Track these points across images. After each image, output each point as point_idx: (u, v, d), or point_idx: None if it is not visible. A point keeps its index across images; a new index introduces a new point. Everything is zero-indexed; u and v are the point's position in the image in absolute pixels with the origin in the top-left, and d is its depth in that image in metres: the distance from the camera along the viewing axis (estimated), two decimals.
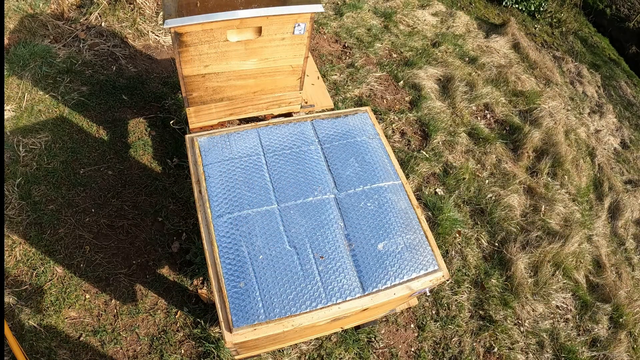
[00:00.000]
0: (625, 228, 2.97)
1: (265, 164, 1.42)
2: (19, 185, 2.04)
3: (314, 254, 1.27)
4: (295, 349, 1.89)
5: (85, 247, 1.96)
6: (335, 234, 1.32)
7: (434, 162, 2.73)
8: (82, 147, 2.24)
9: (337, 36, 3.36)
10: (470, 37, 3.94)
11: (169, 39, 2.88)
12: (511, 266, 2.39)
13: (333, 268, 1.25)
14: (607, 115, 3.90)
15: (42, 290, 1.82)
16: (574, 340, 2.27)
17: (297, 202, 1.35)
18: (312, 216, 1.34)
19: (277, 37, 1.58)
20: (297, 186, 1.39)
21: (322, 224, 1.33)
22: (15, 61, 2.44)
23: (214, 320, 1.88)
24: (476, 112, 3.24)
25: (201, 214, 1.26)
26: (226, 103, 1.78)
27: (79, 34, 2.70)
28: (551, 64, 4.16)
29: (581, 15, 5.50)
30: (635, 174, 3.49)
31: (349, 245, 1.30)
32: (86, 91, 2.45)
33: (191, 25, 1.42)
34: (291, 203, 1.34)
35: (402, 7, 3.90)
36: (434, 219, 2.45)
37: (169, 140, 2.39)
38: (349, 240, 1.31)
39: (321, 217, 1.35)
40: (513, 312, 2.26)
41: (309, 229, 1.31)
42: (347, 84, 3.01)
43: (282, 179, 1.40)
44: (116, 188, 2.16)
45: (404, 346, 2.03)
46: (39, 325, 1.74)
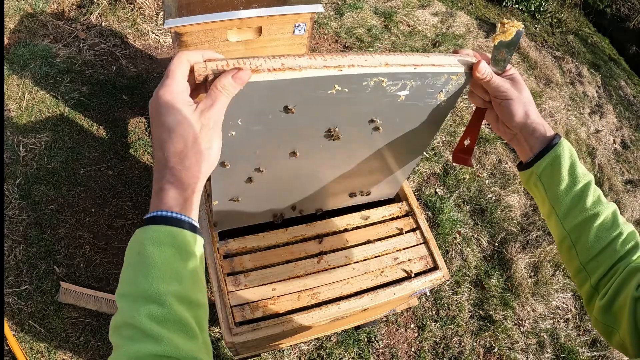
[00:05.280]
0: None
1: None
2: (19, 185, 2.04)
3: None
4: (295, 349, 1.89)
5: (85, 247, 1.96)
6: None
7: (434, 162, 2.73)
8: (82, 147, 2.24)
9: (337, 36, 3.36)
10: (470, 37, 3.94)
11: (169, 39, 2.88)
12: (511, 266, 2.39)
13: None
14: (607, 115, 3.90)
15: (43, 290, 1.82)
16: (574, 340, 2.27)
17: None
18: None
19: (277, 37, 1.58)
20: None
21: None
22: (15, 61, 2.44)
23: (214, 320, 1.88)
24: None
25: (200, 214, 1.26)
26: None
27: (79, 34, 2.70)
28: (551, 64, 4.16)
29: (581, 15, 5.50)
30: (636, 174, 3.49)
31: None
32: (86, 91, 2.45)
33: (191, 25, 1.43)
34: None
35: (402, 7, 3.90)
36: (434, 219, 2.45)
37: None
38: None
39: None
40: (513, 312, 2.26)
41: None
42: None
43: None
44: (116, 188, 2.16)
45: (404, 346, 2.03)
46: (39, 325, 1.74)
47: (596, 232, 0.67)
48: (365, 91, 0.78)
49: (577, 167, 0.70)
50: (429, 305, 2.18)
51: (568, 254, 0.71)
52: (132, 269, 0.52)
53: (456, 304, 2.21)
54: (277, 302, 1.15)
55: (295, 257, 1.24)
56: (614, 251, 0.66)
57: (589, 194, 0.68)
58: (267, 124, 0.79)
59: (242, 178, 0.96)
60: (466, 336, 2.12)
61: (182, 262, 0.52)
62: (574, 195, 0.69)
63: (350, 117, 0.87)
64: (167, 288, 0.50)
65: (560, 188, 0.69)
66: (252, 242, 1.25)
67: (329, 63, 0.71)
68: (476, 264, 2.37)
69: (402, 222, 1.37)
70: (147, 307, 0.49)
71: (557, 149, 0.69)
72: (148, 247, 0.51)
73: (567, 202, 0.69)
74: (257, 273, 1.20)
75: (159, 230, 0.51)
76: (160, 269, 0.50)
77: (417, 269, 1.28)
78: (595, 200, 0.68)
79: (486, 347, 2.13)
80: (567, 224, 0.70)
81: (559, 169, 0.69)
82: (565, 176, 0.69)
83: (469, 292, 2.27)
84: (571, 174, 0.69)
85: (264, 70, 0.64)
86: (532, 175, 0.73)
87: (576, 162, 0.70)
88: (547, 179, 0.71)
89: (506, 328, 2.19)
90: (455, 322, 2.14)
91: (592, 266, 0.68)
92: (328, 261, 1.25)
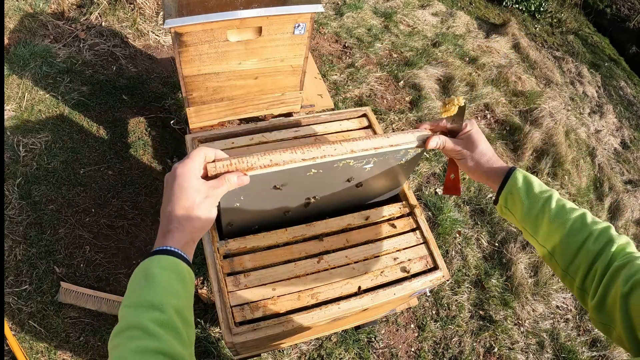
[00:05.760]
0: (625, 228, 2.97)
1: None
2: (19, 185, 2.04)
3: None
4: (295, 349, 1.89)
5: (85, 247, 1.96)
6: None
7: (434, 162, 2.73)
8: (82, 147, 2.24)
9: (337, 36, 3.36)
10: (470, 37, 3.94)
11: (169, 39, 2.88)
12: (511, 266, 2.39)
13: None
14: (607, 115, 3.90)
15: (43, 290, 1.82)
16: (574, 340, 2.27)
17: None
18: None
19: (277, 37, 1.58)
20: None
21: None
22: (15, 61, 2.44)
23: (214, 320, 1.88)
24: (476, 112, 3.24)
25: None
26: (226, 103, 1.78)
27: (79, 34, 2.70)
28: (551, 64, 4.16)
29: (581, 15, 5.50)
30: (636, 174, 3.49)
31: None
32: (86, 91, 2.45)
33: (191, 25, 1.42)
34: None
35: (402, 7, 3.90)
36: (434, 219, 2.45)
37: (169, 140, 2.39)
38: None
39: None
40: (513, 312, 2.26)
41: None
42: (347, 84, 3.01)
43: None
44: (116, 188, 2.16)
45: (404, 346, 2.03)
46: (39, 325, 1.74)
47: (566, 239, 0.74)
48: (336, 170, 1.01)
49: (532, 189, 0.80)
50: (429, 305, 2.18)
51: (551, 264, 0.78)
52: (138, 286, 0.63)
53: (456, 304, 2.21)
54: (277, 302, 1.15)
55: (295, 257, 1.24)
56: (588, 251, 0.71)
57: (550, 209, 0.77)
58: (262, 196, 1.05)
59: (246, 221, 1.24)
60: (466, 336, 2.12)
61: (181, 285, 0.64)
62: (537, 214, 0.78)
63: (327, 185, 1.13)
64: (168, 300, 0.61)
65: (523, 211, 0.80)
66: (252, 242, 1.24)
67: (306, 156, 0.94)
68: (476, 264, 2.37)
69: (402, 222, 1.37)
70: (151, 313, 0.59)
71: (511, 180, 0.82)
72: (154, 269, 0.63)
73: (532, 220, 0.79)
74: (257, 273, 1.20)
75: (164, 258, 0.65)
76: (163, 286, 0.62)
77: (417, 269, 1.28)
78: (558, 212, 0.76)
79: (486, 347, 2.13)
80: (540, 239, 0.79)
81: (517, 196, 0.81)
82: (524, 200, 0.80)
83: (469, 292, 2.27)
84: (528, 197, 0.80)
85: (257, 168, 0.88)
86: (501, 207, 0.85)
87: (532, 185, 0.81)
88: (512, 207, 0.82)
89: (506, 328, 2.19)
90: (455, 322, 2.14)
91: (573, 269, 0.73)
92: (328, 261, 1.25)
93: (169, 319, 0.59)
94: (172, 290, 0.62)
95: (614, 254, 0.68)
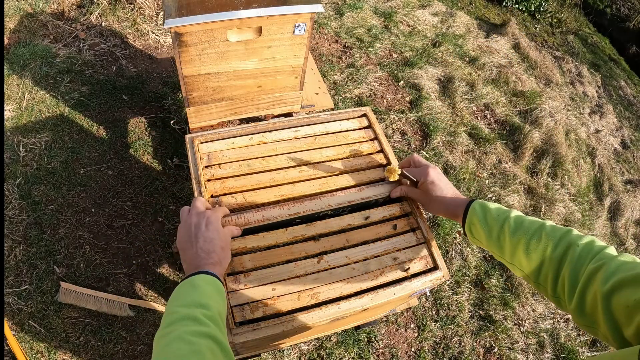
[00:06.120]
0: (625, 228, 2.97)
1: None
2: (19, 185, 2.04)
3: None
4: (295, 349, 1.89)
5: (85, 247, 1.96)
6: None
7: (434, 162, 2.73)
8: (82, 147, 2.24)
9: (337, 36, 3.36)
10: (470, 37, 3.94)
11: (169, 39, 2.88)
12: None
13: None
14: (607, 115, 3.90)
15: (43, 290, 1.82)
16: (574, 340, 2.27)
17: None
18: None
19: (277, 37, 1.58)
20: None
21: None
22: (15, 61, 2.44)
23: None
24: (476, 112, 3.24)
25: None
26: (226, 103, 1.78)
27: (79, 34, 2.70)
28: (551, 64, 4.16)
29: (581, 15, 5.50)
30: (636, 174, 3.49)
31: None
32: (86, 91, 2.45)
33: (191, 25, 1.42)
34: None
35: (402, 7, 3.90)
36: (434, 219, 2.45)
37: (169, 140, 2.39)
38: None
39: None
40: (513, 312, 2.26)
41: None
42: (347, 84, 3.01)
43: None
44: (116, 188, 2.16)
45: (404, 346, 2.03)
46: (39, 325, 1.74)
47: (526, 253, 0.79)
48: (317, 215, 1.29)
49: (490, 214, 0.88)
50: (429, 305, 2.18)
51: (525, 278, 0.83)
52: (186, 292, 0.76)
53: (456, 304, 2.21)
54: (277, 302, 1.15)
55: (295, 257, 1.24)
56: (551, 259, 0.75)
57: (510, 226, 0.83)
58: None
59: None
60: (466, 336, 2.12)
61: (219, 297, 0.79)
62: (497, 235, 0.85)
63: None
64: (212, 303, 0.74)
65: (485, 236, 0.87)
66: (252, 242, 1.24)
67: (291, 212, 1.27)
68: (476, 264, 2.37)
69: (402, 222, 1.37)
70: (200, 309, 0.71)
71: (470, 211, 0.92)
72: (199, 282, 0.78)
73: (495, 242, 0.86)
74: (257, 273, 1.20)
75: (206, 276, 0.81)
76: (207, 294, 0.76)
77: (417, 269, 1.28)
78: (516, 228, 0.82)
79: (486, 347, 2.13)
80: (507, 258, 0.84)
81: (476, 227, 0.90)
82: (484, 225, 0.88)
83: (469, 292, 2.27)
84: (487, 222, 0.87)
85: (253, 223, 1.21)
86: (469, 237, 0.95)
87: (489, 210, 0.89)
88: (477, 235, 0.91)
89: (506, 328, 2.19)
90: (455, 322, 2.14)
91: (542, 279, 0.77)
92: (328, 261, 1.25)
93: (213, 315, 0.71)
94: (214, 298, 0.76)
95: (579, 256, 0.70)
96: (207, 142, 1.45)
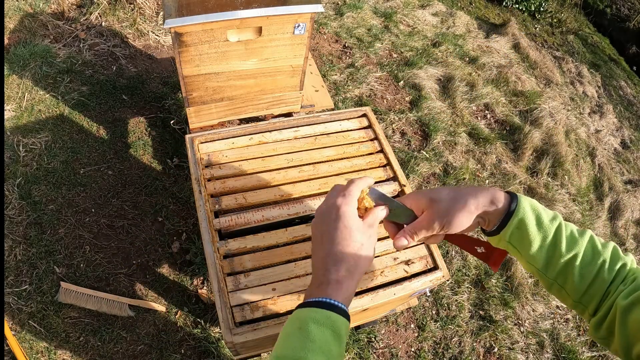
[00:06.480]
0: (625, 228, 2.97)
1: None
2: (19, 185, 2.04)
3: None
4: None
5: (85, 247, 1.96)
6: None
7: (434, 162, 2.73)
8: (82, 147, 2.24)
9: (337, 36, 3.36)
10: (470, 37, 3.94)
11: (169, 39, 2.88)
12: (511, 266, 2.39)
13: None
14: (607, 115, 3.90)
15: (43, 290, 1.82)
16: (574, 340, 2.27)
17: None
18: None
19: (277, 37, 1.58)
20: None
21: None
22: (15, 61, 2.44)
23: (214, 320, 1.88)
24: (476, 112, 3.24)
25: (201, 214, 1.26)
26: (226, 103, 1.78)
27: (79, 33, 2.70)
28: (551, 64, 4.16)
29: (581, 15, 5.50)
30: (636, 174, 3.49)
31: None
32: (86, 91, 2.45)
33: (191, 25, 1.42)
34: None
35: (402, 7, 3.90)
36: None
37: (169, 140, 2.39)
38: None
39: None
40: (513, 312, 2.26)
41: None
42: (347, 84, 3.01)
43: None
44: (116, 188, 2.16)
45: (404, 346, 2.03)
46: (39, 325, 1.74)
47: (579, 271, 0.66)
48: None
49: (542, 218, 0.68)
50: (429, 305, 2.18)
51: (559, 294, 0.71)
52: (292, 339, 0.61)
53: (456, 304, 2.21)
54: (277, 302, 1.15)
55: (295, 257, 1.24)
56: (603, 281, 0.65)
57: (562, 240, 0.67)
58: None
59: None
60: (466, 336, 2.12)
61: (336, 344, 0.61)
62: (549, 248, 0.67)
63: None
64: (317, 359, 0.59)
65: (533, 247, 0.67)
66: (252, 242, 1.24)
67: (291, 212, 1.29)
68: (476, 264, 2.37)
69: None
70: None
71: (518, 212, 0.67)
72: (310, 325, 0.60)
73: (543, 256, 0.68)
74: (257, 273, 1.20)
75: (322, 313, 0.62)
76: (316, 344, 0.59)
77: (417, 269, 1.28)
78: (569, 241, 0.67)
79: (486, 347, 2.13)
80: (549, 274, 0.69)
81: (526, 230, 0.67)
82: (535, 234, 0.67)
83: (469, 292, 2.27)
84: (540, 229, 0.67)
85: (253, 223, 1.27)
86: (500, 240, 0.70)
87: (540, 213, 0.68)
88: (517, 242, 0.69)
89: (506, 328, 2.19)
90: (455, 322, 2.14)
91: (586, 299, 0.67)
92: None
93: None
94: (326, 349, 0.60)
95: (626, 278, 0.65)
96: (207, 142, 1.45)
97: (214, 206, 1.29)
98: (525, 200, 0.68)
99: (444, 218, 0.69)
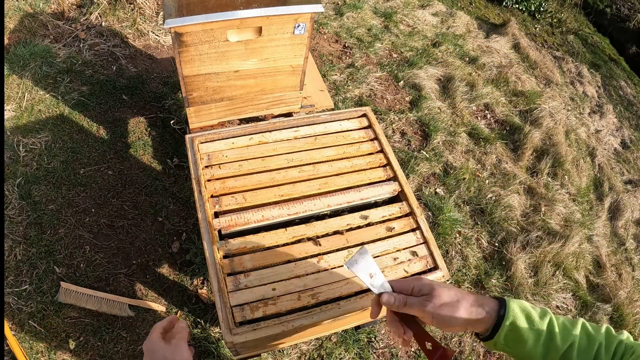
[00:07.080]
0: (625, 228, 2.97)
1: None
2: (19, 185, 2.04)
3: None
4: (295, 349, 1.89)
5: (85, 247, 1.96)
6: None
7: (434, 162, 2.73)
8: (82, 147, 2.24)
9: (337, 36, 3.36)
10: (470, 37, 3.94)
11: (169, 39, 2.88)
12: (511, 266, 2.39)
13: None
14: (607, 115, 3.90)
15: (43, 290, 1.82)
16: None
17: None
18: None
19: (277, 37, 1.58)
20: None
21: None
22: (15, 61, 2.44)
23: (214, 320, 1.88)
24: (476, 112, 3.24)
25: (201, 214, 1.26)
26: (226, 103, 1.78)
27: (79, 34, 2.70)
28: (551, 64, 4.16)
29: (581, 15, 5.50)
30: (636, 174, 3.49)
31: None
32: (86, 91, 2.45)
33: (191, 25, 1.42)
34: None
35: (402, 7, 3.90)
36: (434, 219, 2.45)
37: (169, 140, 2.39)
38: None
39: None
40: None
41: None
42: (347, 84, 3.01)
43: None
44: (116, 188, 2.16)
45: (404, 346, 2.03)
46: (39, 325, 1.74)
47: (578, 359, 0.69)
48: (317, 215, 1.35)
49: (533, 316, 0.71)
50: None
51: None
52: None
53: None
54: (277, 302, 1.15)
55: (295, 257, 1.24)
56: None
57: (556, 333, 0.70)
58: None
59: None
60: (466, 336, 2.12)
61: None
62: (544, 342, 0.70)
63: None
64: None
65: (528, 344, 0.70)
66: (252, 242, 1.24)
67: (291, 212, 1.30)
68: (476, 264, 2.37)
69: (402, 222, 1.37)
70: None
71: (508, 316, 0.70)
72: None
73: (540, 352, 0.70)
74: (257, 273, 1.20)
75: None
76: None
77: (417, 269, 1.28)
78: (563, 333, 0.70)
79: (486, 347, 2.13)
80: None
81: (519, 331, 0.70)
82: (528, 333, 0.70)
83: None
84: (532, 327, 0.70)
85: (253, 223, 1.29)
86: (496, 344, 0.73)
87: (530, 312, 0.71)
88: (512, 343, 0.71)
89: None
90: None
91: None
92: (328, 261, 1.25)
93: None
94: None
95: (624, 354, 0.67)
96: (207, 142, 1.45)
97: (214, 206, 1.29)
98: (514, 303, 0.72)
99: (440, 316, 0.71)
